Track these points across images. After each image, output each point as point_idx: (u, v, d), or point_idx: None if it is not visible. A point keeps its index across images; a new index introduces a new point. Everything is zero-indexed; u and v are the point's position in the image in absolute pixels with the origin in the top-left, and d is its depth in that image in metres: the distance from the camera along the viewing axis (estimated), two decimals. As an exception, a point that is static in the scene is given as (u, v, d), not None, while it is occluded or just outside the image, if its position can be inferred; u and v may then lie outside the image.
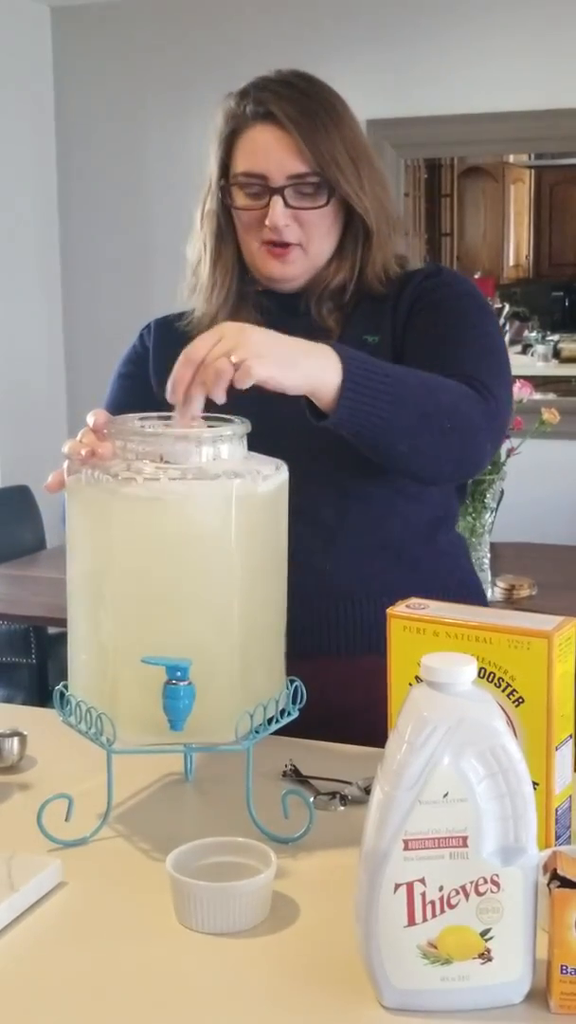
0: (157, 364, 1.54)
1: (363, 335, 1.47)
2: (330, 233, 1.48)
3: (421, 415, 1.29)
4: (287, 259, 1.46)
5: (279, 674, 1.17)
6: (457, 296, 1.48)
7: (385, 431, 1.26)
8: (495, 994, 0.85)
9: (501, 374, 1.43)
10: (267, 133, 1.43)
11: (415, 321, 1.46)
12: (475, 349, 1.42)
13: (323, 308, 1.49)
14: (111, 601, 1.09)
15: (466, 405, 1.34)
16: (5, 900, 0.97)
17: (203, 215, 1.52)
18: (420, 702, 0.85)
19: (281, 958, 0.92)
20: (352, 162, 1.45)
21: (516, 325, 5.20)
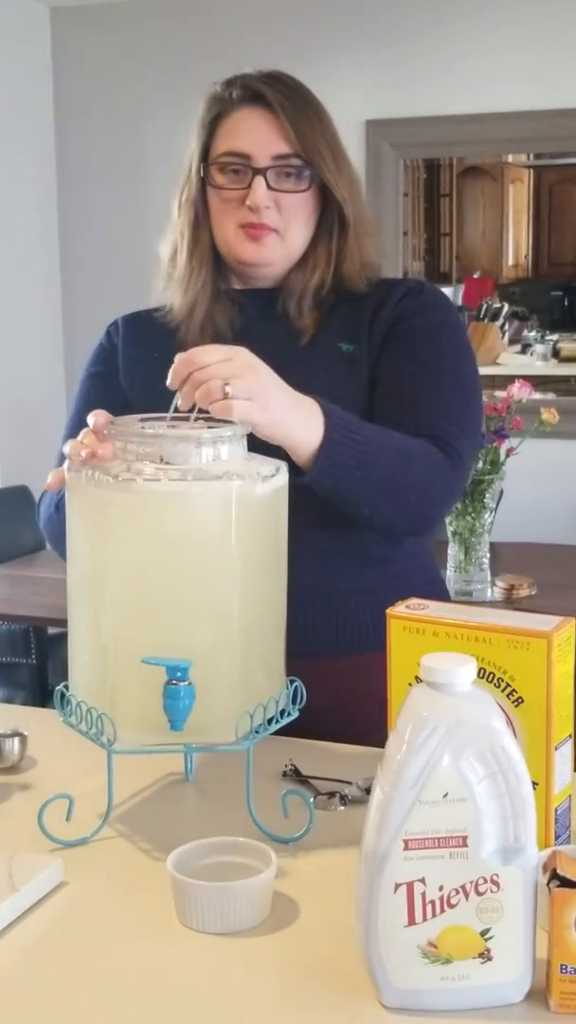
0: (126, 361, 1.55)
1: (339, 342, 1.47)
2: (308, 223, 1.47)
3: (389, 483, 1.33)
4: (263, 241, 1.44)
5: (279, 674, 1.17)
6: (437, 327, 1.48)
7: (353, 493, 1.32)
8: (495, 993, 0.85)
9: (471, 430, 1.46)
10: (254, 114, 1.44)
11: (392, 345, 1.46)
12: (449, 399, 1.44)
13: (301, 308, 1.48)
14: (111, 602, 1.09)
15: (433, 475, 1.38)
16: (6, 900, 0.97)
17: (181, 204, 1.51)
18: (420, 702, 0.85)
19: (281, 958, 0.92)
20: (332, 154, 1.46)
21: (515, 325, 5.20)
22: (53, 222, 4.53)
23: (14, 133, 4.31)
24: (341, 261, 1.49)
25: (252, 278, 1.51)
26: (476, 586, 2.69)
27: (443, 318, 1.50)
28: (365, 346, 1.46)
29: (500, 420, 2.64)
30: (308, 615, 1.43)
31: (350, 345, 1.46)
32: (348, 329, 1.47)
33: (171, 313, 1.53)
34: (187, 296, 1.50)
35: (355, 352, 1.46)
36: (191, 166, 1.49)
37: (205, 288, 1.49)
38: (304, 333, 1.47)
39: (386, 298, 1.48)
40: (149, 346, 1.53)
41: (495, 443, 2.63)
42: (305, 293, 1.48)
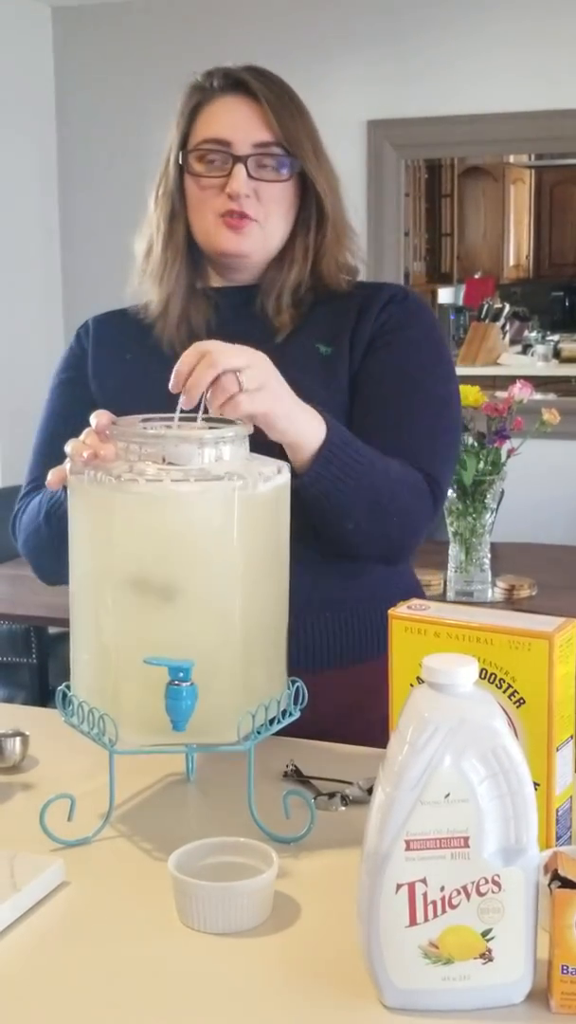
0: (96, 364, 1.51)
1: (316, 343, 1.44)
2: (287, 215, 1.44)
3: (375, 504, 1.33)
4: (243, 231, 1.41)
5: (280, 674, 1.17)
6: (422, 342, 1.45)
7: (340, 506, 1.31)
8: (496, 994, 0.85)
9: (451, 458, 1.47)
10: (235, 102, 1.41)
11: (376, 357, 1.43)
12: (434, 426, 1.42)
13: (279, 305, 1.45)
14: (113, 602, 1.09)
15: (416, 505, 1.38)
16: (8, 899, 0.97)
17: (157, 198, 1.48)
18: (421, 703, 0.85)
19: (283, 958, 0.92)
20: (314, 148, 1.44)
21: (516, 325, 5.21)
22: (55, 222, 4.53)
23: (15, 132, 4.31)
24: (319, 258, 1.46)
25: (231, 270, 1.47)
26: (477, 587, 2.69)
27: (428, 332, 1.47)
28: (345, 350, 1.43)
29: (501, 421, 2.64)
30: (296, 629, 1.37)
31: (328, 347, 1.44)
32: (327, 330, 1.45)
33: (146, 310, 1.49)
34: (162, 290, 1.47)
35: (333, 355, 1.43)
36: (169, 158, 1.46)
37: (180, 282, 1.46)
38: (280, 330, 1.44)
39: (369, 302, 1.45)
40: (122, 347, 1.50)
41: (496, 444, 2.63)
42: (283, 290, 1.45)
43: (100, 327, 1.54)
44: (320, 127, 1.47)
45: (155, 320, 1.48)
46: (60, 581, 1.44)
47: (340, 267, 1.48)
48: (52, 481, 1.21)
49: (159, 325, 1.47)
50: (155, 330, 1.47)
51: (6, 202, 4.28)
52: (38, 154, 4.44)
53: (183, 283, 1.46)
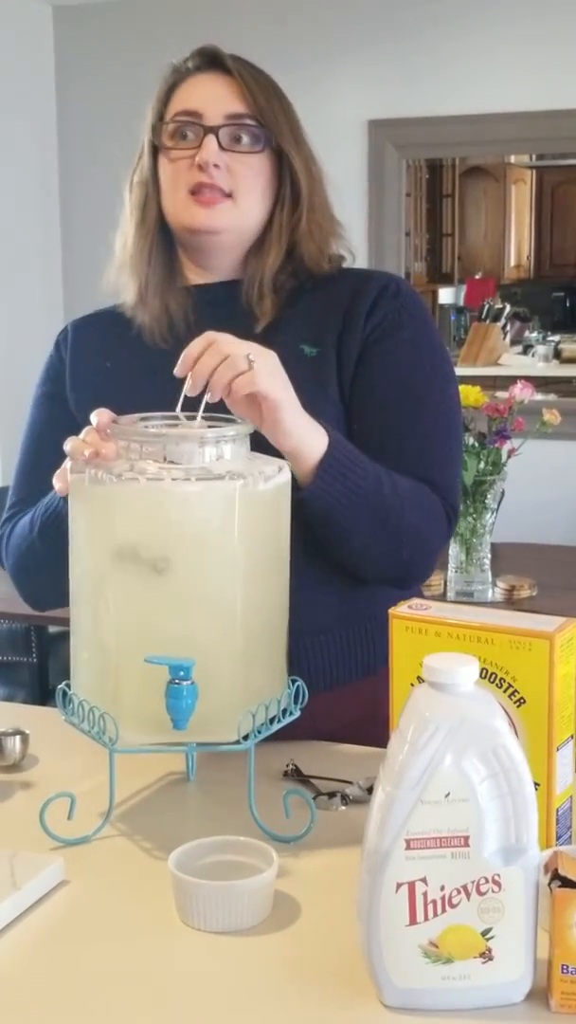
0: (74, 375, 1.46)
1: (300, 343, 1.37)
2: (263, 193, 1.38)
3: (383, 523, 1.28)
4: (215, 206, 1.35)
5: (281, 674, 1.17)
6: (421, 346, 1.39)
7: (344, 523, 1.27)
8: (496, 993, 0.85)
9: (459, 469, 1.41)
10: (210, 77, 1.38)
11: (372, 365, 1.36)
12: (442, 439, 1.37)
13: (261, 291, 1.39)
14: (114, 601, 1.09)
15: (430, 526, 1.34)
16: (8, 898, 0.97)
17: (132, 186, 1.44)
18: (422, 702, 0.85)
19: (283, 957, 0.92)
20: (292, 131, 1.40)
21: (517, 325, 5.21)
22: (55, 220, 4.53)
23: (16, 130, 4.31)
24: (298, 239, 1.40)
25: (205, 255, 1.41)
26: (477, 587, 2.69)
27: (424, 330, 1.41)
28: (332, 354, 1.37)
29: (502, 421, 2.64)
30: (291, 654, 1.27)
31: (313, 348, 1.37)
32: (310, 329, 1.38)
33: (123, 306, 1.44)
34: (137, 278, 1.41)
35: (319, 358, 1.36)
36: (143, 142, 1.42)
37: (155, 268, 1.41)
38: (261, 319, 1.37)
39: (357, 298, 1.38)
40: (101, 353, 1.45)
41: (497, 444, 2.63)
42: (263, 280, 1.39)
43: (79, 333, 1.49)
44: (321, 127, 1.44)
45: (134, 311, 1.43)
46: (53, 604, 1.41)
47: (322, 253, 1.42)
48: (61, 488, 1.19)
49: (139, 316, 1.42)
50: (136, 322, 1.42)
51: (7, 201, 4.27)
52: (39, 152, 4.44)
53: (158, 270, 1.41)
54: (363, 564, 1.34)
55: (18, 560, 1.41)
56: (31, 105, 4.39)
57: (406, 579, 1.39)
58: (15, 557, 1.41)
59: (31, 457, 1.48)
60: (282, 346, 1.27)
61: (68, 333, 1.50)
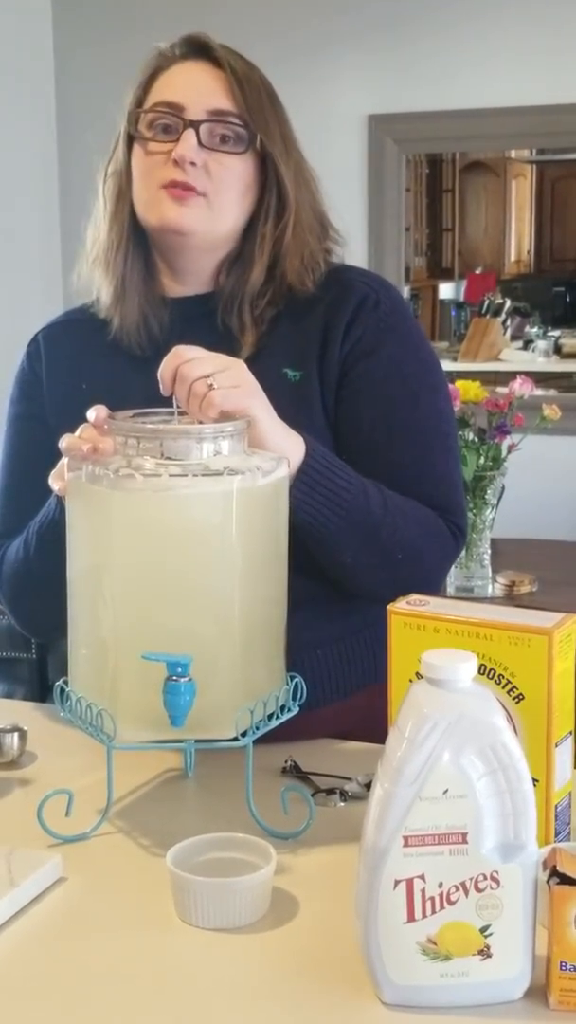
0: (53, 396, 1.38)
1: (283, 366, 1.30)
2: (242, 197, 1.30)
3: (372, 537, 1.25)
4: (187, 202, 1.26)
5: (279, 670, 1.17)
6: (404, 360, 1.31)
7: (329, 535, 1.23)
8: (494, 990, 0.85)
9: (461, 485, 1.35)
10: (196, 67, 1.30)
11: (356, 386, 1.30)
12: (438, 460, 1.32)
13: (241, 320, 1.31)
14: (111, 597, 1.09)
15: (429, 542, 1.29)
16: (5, 895, 0.97)
17: (106, 177, 1.35)
18: (420, 698, 0.85)
19: (281, 954, 0.92)
20: (281, 134, 1.31)
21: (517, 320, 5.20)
22: (55, 213, 4.52)
23: (15, 121, 4.30)
24: (281, 254, 1.31)
25: (177, 257, 1.33)
26: (477, 582, 2.69)
27: (406, 342, 1.33)
28: (315, 374, 1.30)
29: (502, 416, 2.63)
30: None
31: (296, 372, 1.30)
32: (293, 351, 1.31)
33: (98, 304, 1.37)
34: (112, 276, 1.34)
35: (303, 381, 1.30)
36: (119, 131, 1.33)
37: (130, 266, 1.33)
38: (244, 348, 1.30)
39: (335, 314, 1.30)
40: (76, 372, 1.36)
41: (496, 439, 2.63)
42: (243, 299, 1.31)
43: (51, 344, 1.41)
44: (320, 122, 1.41)
45: (109, 312, 1.36)
46: (54, 631, 1.31)
47: (305, 266, 1.32)
48: (61, 488, 1.18)
49: (115, 319, 1.35)
50: (112, 327, 1.35)
51: (5, 193, 4.26)
52: (38, 143, 4.43)
53: (136, 269, 1.34)
54: (357, 580, 1.30)
55: (14, 587, 1.36)
56: (30, 95, 4.37)
57: (405, 594, 1.31)
58: (9, 585, 1.37)
59: (13, 489, 1.41)
60: (265, 372, 1.23)
61: (40, 345, 1.43)
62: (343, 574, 1.30)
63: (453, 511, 1.33)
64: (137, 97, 1.33)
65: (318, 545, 1.25)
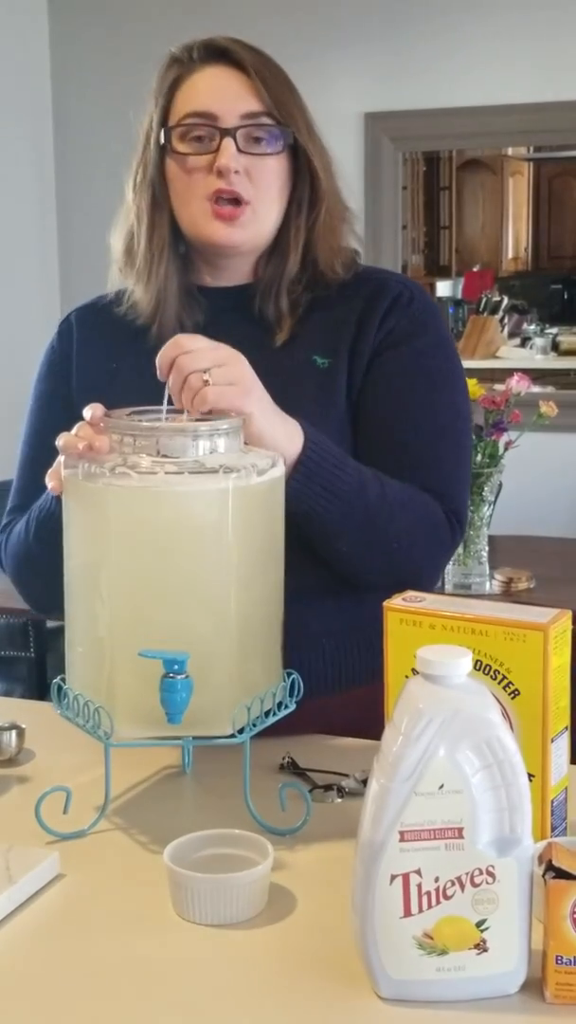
0: (82, 375, 1.41)
1: (313, 354, 1.34)
2: (281, 195, 1.33)
3: (368, 527, 1.26)
4: (236, 222, 1.30)
5: (276, 667, 1.17)
6: (431, 356, 1.35)
7: (326, 524, 1.24)
8: (491, 984, 0.85)
9: (466, 479, 1.37)
10: (219, 72, 1.30)
11: (380, 374, 1.33)
12: (446, 451, 1.34)
13: (279, 309, 1.35)
14: (108, 595, 1.09)
15: (426, 532, 1.30)
16: (3, 892, 0.97)
17: (136, 186, 1.35)
18: (416, 694, 0.85)
19: (278, 949, 0.92)
20: (306, 122, 1.34)
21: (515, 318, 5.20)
22: (51, 213, 4.52)
23: (11, 120, 4.30)
24: (313, 243, 1.35)
25: (221, 266, 1.37)
26: (475, 579, 2.69)
27: (433, 340, 1.36)
28: (344, 362, 1.34)
29: (499, 413, 2.64)
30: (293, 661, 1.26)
31: (325, 359, 1.34)
32: (325, 340, 1.35)
33: (134, 309, 1.39)
34: (150, 289, 1.35)
35: (331, 368, 1.34)
36: (148, 140, 1.34)
37: (171, 280, 1.35)
38: (278, 336, 1.34)
39: (371, 308, 1.34)
40: (107, 353, 1.40)
41: (494, 436, 2.63)
42: (280, 286, 1.35)
43: (84, 327, 1.44)
44: (317, 120, 1.37)
45: (146, 322, 1.38)
46: (56, 608, 1.30)
47: (335, 252, 1.37)
48: (55, 486, 1.17)
49: (153, 330, 1.36)
50: (149, 334, 1.36)
51: (2, 193, 4.26)
52: (34, 143, 4.43)
53: (174, 281, 1.36)
54: (354, 569, 1.32)
55: (16, 565, 1.39)
56: (26, 94, 4.37)
57: (401, 586, 1.31)
58: (15, 563, 1.39)
59: (32, 462, 1.42)
60: (295, 358, 1.30)
61: (72, 324, 1.45)
62: (339, 562, 1.31)
63: (454, 502, 1.34)
64: (162, 108, 1.34)
65: (315, 534, 1.26)
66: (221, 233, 1.31)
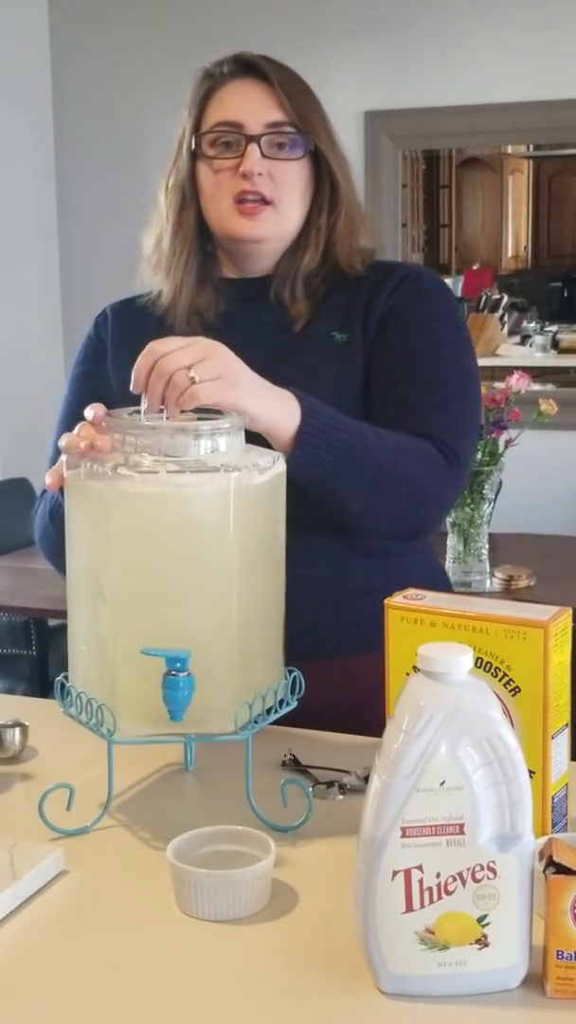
0: (116, 356, 1.49)
1: (332, 331, 1.44)
2: (302, 196, 1.44)
3: (375, 478, 1.31)
4: (258, 217, 1.41)
5: (278, 665, 1.18)
6: (433, 318, 1.44)
7: (337, 487, 1.29)
8: (492, 979, 0.86)
9: (468, 427, 1.43)
10: (246, 85, 1.42)
11: (386, 338, 1.42)
12: (446, 396, 1.40)
13: (294, 293, 1.45)
14: (110, 593, 1.09)
15: (427, 472, 1.35)
16: (8, 888, 0.98)
17: (167, 189, 1.47)
18: (417, 691, 0.86)
19: (280, 945, 0.93)
20: (327, 132, 1.45)
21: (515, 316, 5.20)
22: (52, 212, 4.52)
23: (12, 119, 4.30)
24: (333, 242, 1.45)
25: (245, 259, 1.46)
26: (475, 577, 2.70)
27: (439, 308, 1.46)
28: (359, 335, 1.43)
29: (499, 411, 2.64)
30: (317, 615, 1.42)
31: (343, 334, 1.43)
32: (341, 317, 1.44)
33: (158, 301, 1.49)
34: (171, 280, 1.47)
35: (348, 341, 1.43)
36: (180, 146, 1.46)
37: (189, 272, 1.46)
38: (296, 320, 1.44)
39: (381, 285, 1.44)
40: (138, 344, 1.43)
41: (494, 434, 2.64)
42: (296, 277, 1.45)
43: (118, 316, 1.53)
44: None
45: (165, 313, 1.48)
46: None
47: (355, 251, 1.47)
48: (51, 483, 1.19)
49: (169, 318, 1.47)
50: (167, 321, 1.46)
51: (3, 192, 4.27)
52: (35, 141, 4.43)
53: (192, 273, 1.46)
54: (368, 524, 1.37)
55: (41, 538, 1.48)
56: (26, 92, 4.37)
57: (415, 531, 1.42)
58: (39, 534, 1.48)
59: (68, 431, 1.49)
60: (316, 336, 1.42)
61: (108, 316, 1.54)
62: (354, 520, 1.36)
63: (451, 442, 1.38)
64: (194, 117, 1.45)
65: (327, 497, 1.31)
66: (244, 227, 1.42)
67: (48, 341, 4.49)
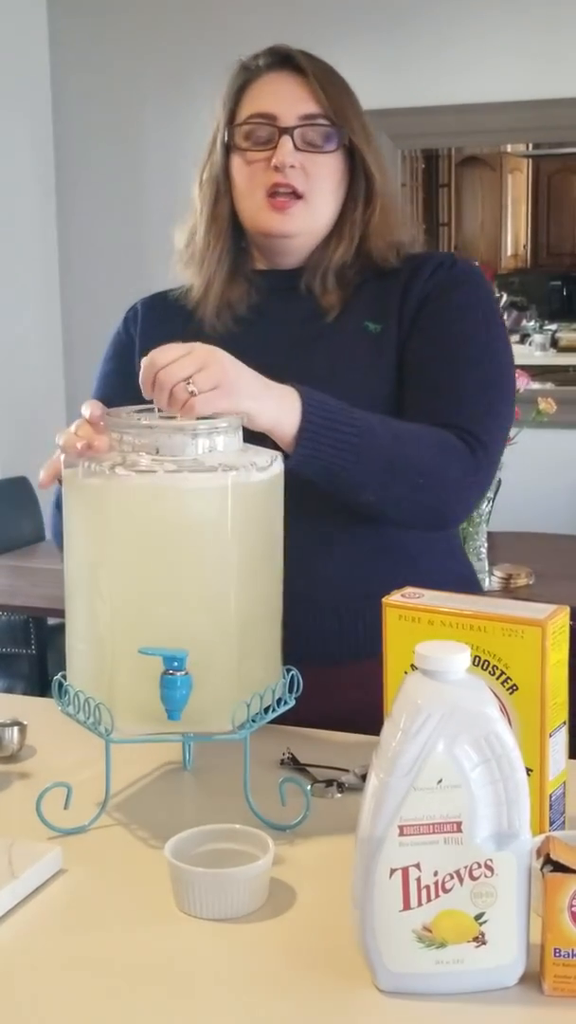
0: (144, 351, 1.51)
1: (365, 320, 1.43)
2: (335, 191, 1.43)
3: (388, 469, 1.28)
4: (288, 211, 1.40)
5: (276, 664, 1.18)
6: (467, 306, 1.42)
7: (347, 480, 1.27)
8: (489, 977, 0.86)
9: (498, 414, 1.40)
10: (281, 77, 1.41)
11: (421, 326, 1.41)
12: (475, 384, 1.38)
13: (325, 284, 1.44)
14: (108, 592, 1.09)
15: (446, 461, 1.33)
16: (6, 887, 0.98)
17: (202, 183, 1.47)
18: (414, 690, 0.86)
19: (278, 943, 0.93)
20: (362, 126, 1.44)
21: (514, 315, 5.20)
22: (51, 211, 4.53)
23: (10, 118, 4.30)
24: (367, 236, 1.44)
25: (276, 253, 1.46)
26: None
27: (474, 295, 1.44)
28: (394, 326, 1.42)
29: (498, 410, 2.64)
30: (342, 620, 1.40)
31: (377, 325, 1.42)
32: (375, 308, 1.43)
33: (189, 294, 1.49)
34: (203, 273, 1.46)
35: (382, 332, 1.42)
36: (214, 140, 1.45)
37: (222, 264, 1.46)
38: (329, 311, 1.43)
39: (415, 274, 1.43)
40: (166, 337, 1.43)
41: (493, 433, 2.63)
42: (328, 269, 1.44)
43: (148, 313, 1.53)
44: None
45: (196, 305, 1.48)
46: None
47: (390, 246, 1.46)
48: (43, 481, 1.19)
49: (200, 310, 1.47)
50: (197, 314, 1.46)
51: (2, 191, 4.27)
52: (34, 141, 4.43)
53: (224, 266, 1.46)
54: (387, 514, 1.35)
55: (53, 527, 1.46)
56: (25, 92, 4.37)
57: (437, 521, 1.39)
58: (52, 524, 1.47)
59: None
60: (348, 326, 1.41)
61: (139, 311, 1.54)
62: (372, 511, 1.34)
63: (476, 430, 1.36)
64: (229, 110, 1.44)
65: (339, 491, 1.30)
66: (274, 222, 1.41)
67: (48, 341, 4.49)
